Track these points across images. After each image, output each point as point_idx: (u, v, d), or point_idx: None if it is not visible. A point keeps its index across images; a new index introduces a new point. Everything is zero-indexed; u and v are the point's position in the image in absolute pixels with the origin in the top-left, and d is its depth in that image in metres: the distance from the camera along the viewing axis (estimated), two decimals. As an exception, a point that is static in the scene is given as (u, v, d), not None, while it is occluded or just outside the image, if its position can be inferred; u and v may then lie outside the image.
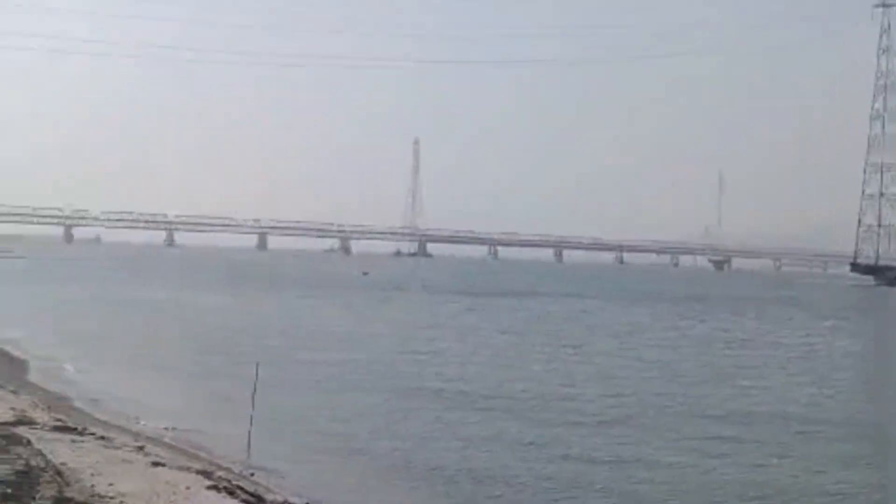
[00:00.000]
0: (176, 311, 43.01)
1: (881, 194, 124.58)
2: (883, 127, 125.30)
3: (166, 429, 16.51)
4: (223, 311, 43.79)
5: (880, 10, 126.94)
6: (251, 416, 14.82)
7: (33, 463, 8.01)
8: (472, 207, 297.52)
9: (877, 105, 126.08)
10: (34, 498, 7.96)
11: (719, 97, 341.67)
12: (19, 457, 8.07)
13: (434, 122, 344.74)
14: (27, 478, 8.55)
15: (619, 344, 34.48)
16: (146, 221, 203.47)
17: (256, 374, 15.61)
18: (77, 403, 18.85)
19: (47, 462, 9.17)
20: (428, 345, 31.58)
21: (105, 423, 16.52)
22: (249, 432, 14.68)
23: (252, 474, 13.22)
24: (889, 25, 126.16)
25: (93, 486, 9.65)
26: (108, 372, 23.87)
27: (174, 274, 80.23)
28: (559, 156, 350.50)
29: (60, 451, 11.40)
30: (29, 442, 9.60)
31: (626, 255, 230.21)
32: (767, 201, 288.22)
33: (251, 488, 11.68)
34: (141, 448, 13.59)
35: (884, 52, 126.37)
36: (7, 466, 7.37)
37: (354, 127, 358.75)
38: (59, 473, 8.92)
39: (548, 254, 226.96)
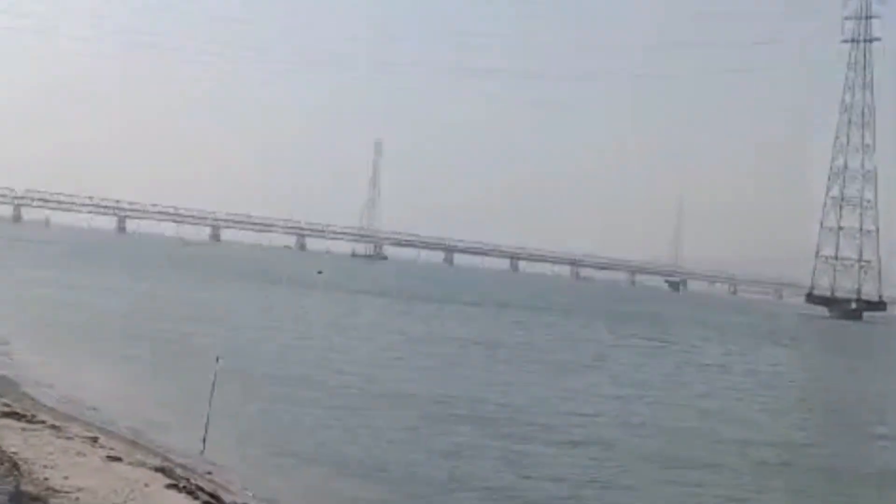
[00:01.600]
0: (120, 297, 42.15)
1: (840, 227, 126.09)
2: (845, 161, 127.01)
3: (118, 421, 16.03)
4: (170, 299, 43.19)
5: (847, 45, 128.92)
6: (208, 412, 14.33)
7: (-14, 453, 7.51)
8: (432, 213, 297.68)
9: (841, 139, 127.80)
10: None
11: (684, 120, 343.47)
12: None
13: (398, 126, 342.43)
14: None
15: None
16: (98, 206, 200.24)
17: (216, 368, 15.14)
18: (26, 389, 18.24)
19: (2, 452, 8.66)
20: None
21: (54, 411, 15.98)
22: (206, 426, 14.18)
23: (209, 473, 12.78)
24: (855, 60, 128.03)
25: (46, 479, 9.18)
26: (58, 358, 23.26)
27: (126, 261, 78.88)
28: (521, 166, 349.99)
29: (11, 439, 10.89)
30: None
31: (582, 271, 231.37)
32: (726, 228, 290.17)
33: (210, 488, 11.26)
34: (94, 440, 13.10)
35: (850, 87, 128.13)
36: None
37: (318, 126, 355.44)
38: (15, 465, 8.43)
39: (504, 263, 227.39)
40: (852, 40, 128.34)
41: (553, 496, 13.84)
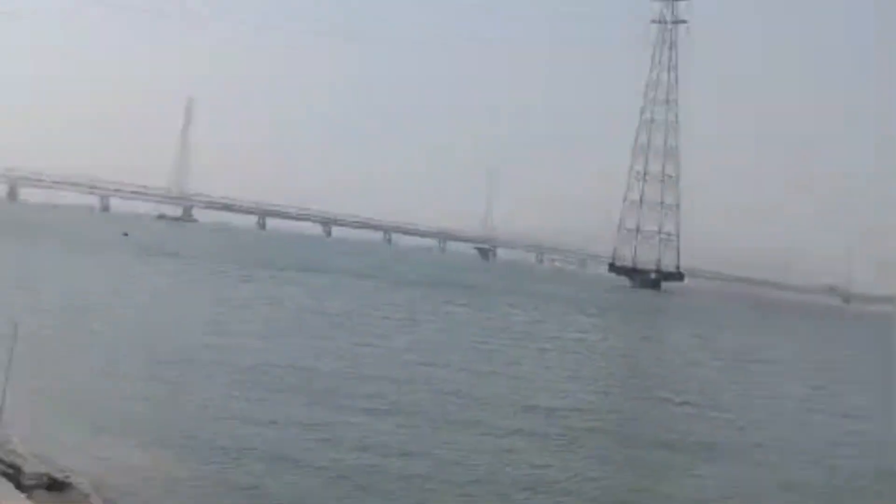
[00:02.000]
0: None
1: (641, 201, 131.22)
2: (648, 137, 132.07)
3: None
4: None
5: (656, 25, 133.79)
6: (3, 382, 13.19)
7: None
8: (245, 176, 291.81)
9: (645, 115, 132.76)
10: None
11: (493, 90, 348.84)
12: None
13: (209, 84, 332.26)
14: None
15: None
16: None
17: (15, 336, 13.96)
18: None
19: None
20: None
21: None
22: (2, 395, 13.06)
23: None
24: (664, 40, 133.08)
25: None
26: None
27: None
28: (344, 134, 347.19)
29: None
30: None
31: (394, 237, 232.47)
32: (535, 198, 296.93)
33: (8, 459, 10.48)
34: None
35: (655, 65, 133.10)
36: None
37: (126, 80, 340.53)
38: None
39: (317, 229, 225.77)
40: (660, 21, 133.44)
41: (356, 466, 13.55)
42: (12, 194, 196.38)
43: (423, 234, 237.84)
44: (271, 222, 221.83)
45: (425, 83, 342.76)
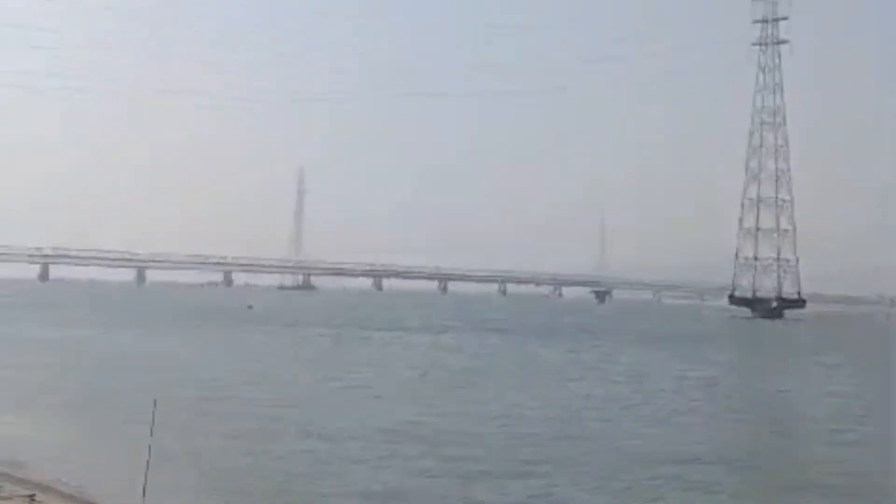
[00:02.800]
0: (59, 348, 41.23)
1: (757, 228, 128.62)
2: (759, 162, 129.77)
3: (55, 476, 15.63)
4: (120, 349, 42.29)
5: (757, 48, 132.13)
6: (147, 462, 14.04)
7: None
8: (357, 239, 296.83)
9: (754, 141, 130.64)
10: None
11: (600, 125, 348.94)
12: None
13: (319, 154, 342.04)
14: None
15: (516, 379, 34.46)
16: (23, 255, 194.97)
17: (153, 413, 14.85)
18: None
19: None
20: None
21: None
22: (145, 477, 13.89)
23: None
24: (765, 64, 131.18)
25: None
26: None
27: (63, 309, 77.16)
28: (446, 188, 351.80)
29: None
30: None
31: (510, 287, 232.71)
32: (646, 235, 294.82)
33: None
34: (32, 498, 12.80)
35: (760, 89, 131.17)
36: None
37: (241, 159, 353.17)
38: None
39: (432, 286, 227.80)
40: (761, 43, 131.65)
41: None
42: (140, 277, 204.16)
43: (538, 282, 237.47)
44: (387, 282, 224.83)
45: (522, 128, 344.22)
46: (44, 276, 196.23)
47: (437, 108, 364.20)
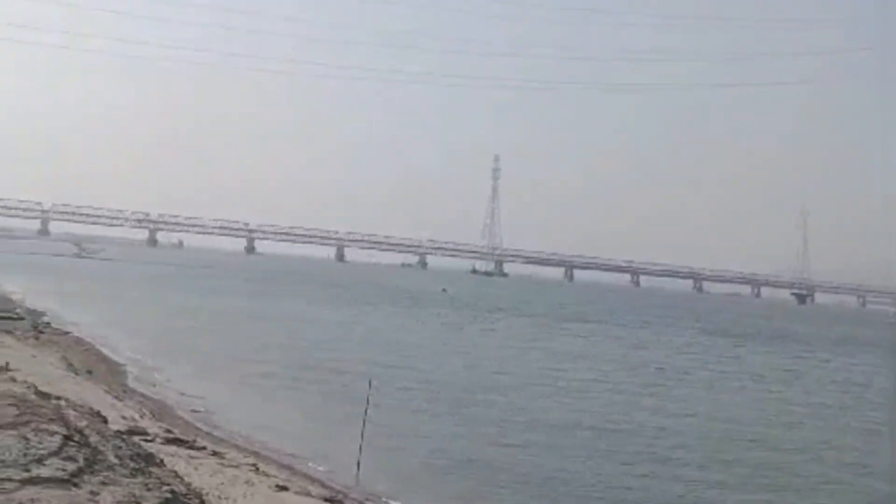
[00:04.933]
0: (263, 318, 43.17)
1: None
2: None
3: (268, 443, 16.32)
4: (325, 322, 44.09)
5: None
6: (361, 436, 14.39)
7: (176, 488, 7.63)
8: (551, 229, 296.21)
9: None
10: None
11: (803, 130, 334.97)
12: (160, 480, 7.69)
13: (518, 142, 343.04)
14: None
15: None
16: (225, 228, 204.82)
17: (368, 393, 15.22)
18: (179, 412, 18.77)
19: (188, 487, 8.85)
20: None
21: (210, 436, 16.39)
22: (360, 449, 14.24)
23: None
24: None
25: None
26: (200, 378, 23.83)
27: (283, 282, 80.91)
28: (642, 182, 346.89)
29: (184, 469, 11.17)
30: (162, 462, 9.31)
31: (705, 284, 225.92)
32: (853, 237, 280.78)
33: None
34: (255, 467, 13.34)
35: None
36: (154, 493, 6.93)
37: (437, 145, 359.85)
38: (202, 501, 8.59)
39: (624, 278, 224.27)
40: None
41: None
42: (340, 256, 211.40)
43: (736, 281, 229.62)
44: (579, 274, 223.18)
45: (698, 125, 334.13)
46: (250, 248, 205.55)
47: (624, 102, 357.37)
